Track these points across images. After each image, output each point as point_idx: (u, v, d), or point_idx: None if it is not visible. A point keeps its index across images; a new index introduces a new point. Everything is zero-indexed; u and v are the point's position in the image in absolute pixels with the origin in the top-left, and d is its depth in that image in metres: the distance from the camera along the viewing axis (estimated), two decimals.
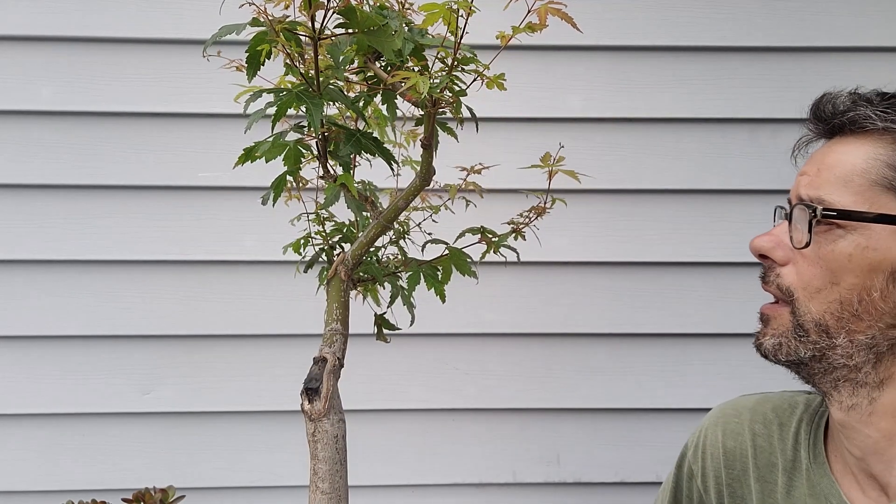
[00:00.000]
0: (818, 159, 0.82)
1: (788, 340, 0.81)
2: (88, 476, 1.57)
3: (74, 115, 1.51)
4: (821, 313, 0.78)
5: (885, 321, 0.76)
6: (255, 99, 0.75)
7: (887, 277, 0.75)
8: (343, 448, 0.77)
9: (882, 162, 0.76)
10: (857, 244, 0.76)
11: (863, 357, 0.78)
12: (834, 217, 0.77)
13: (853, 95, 0.81)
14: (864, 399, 0.79)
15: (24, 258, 1.53)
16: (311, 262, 0.97)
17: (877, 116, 0.77)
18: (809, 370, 0.81)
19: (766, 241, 0.84)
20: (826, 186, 0.78)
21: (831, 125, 0.82)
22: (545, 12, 0.65)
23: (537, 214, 0.95)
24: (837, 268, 0.77)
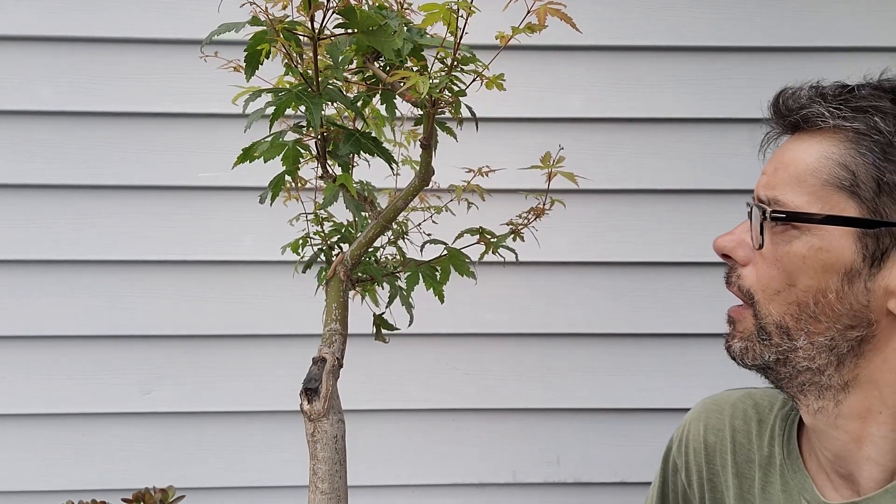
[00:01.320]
0: (777, 157, 0.81)
1: (753, 344, 0.81)
2: (88, 476, 1.57)
3: (74, 115, 1.51)
4: (780, 315, 0.78)
5: (842, 322, 0.76)
6: (254, 99, 0.75)
7: (841, 278, 0.75)
8: (342, 448, 0.77)
9: (833, 161, 0.75)
10: (811, 245, 0.76)
11: (824, 359, 0.77)
12: (783, 219, 0.76)
13: (811, 90, 0.80)
14: (831, 402, 0.79)
15: (24, 258, 1.53)
16: (310, 263, 0.97)
17: (829, 114, 0.76)
18: (776, 374, 0.81)
19: (728, 240, 0.84)
20: (781, 186, 0.78)
21: (787, 122, 0.81)
22: (544, 13, 0.65)
23: (536, 216, 0.94)
24: (793, 269, 0.77)
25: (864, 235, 0.73)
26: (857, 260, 0.74)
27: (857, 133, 0.74)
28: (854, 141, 0.75)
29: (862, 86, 0.78)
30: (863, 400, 0.78)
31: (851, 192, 0.74)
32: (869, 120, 0.74)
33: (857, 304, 0.75)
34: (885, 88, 0.77)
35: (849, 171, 0.74)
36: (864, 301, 0.75)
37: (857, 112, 0.75)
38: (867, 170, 0.73)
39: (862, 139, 0.74)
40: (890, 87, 0.77)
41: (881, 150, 0.73)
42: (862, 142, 0.74)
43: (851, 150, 0.74)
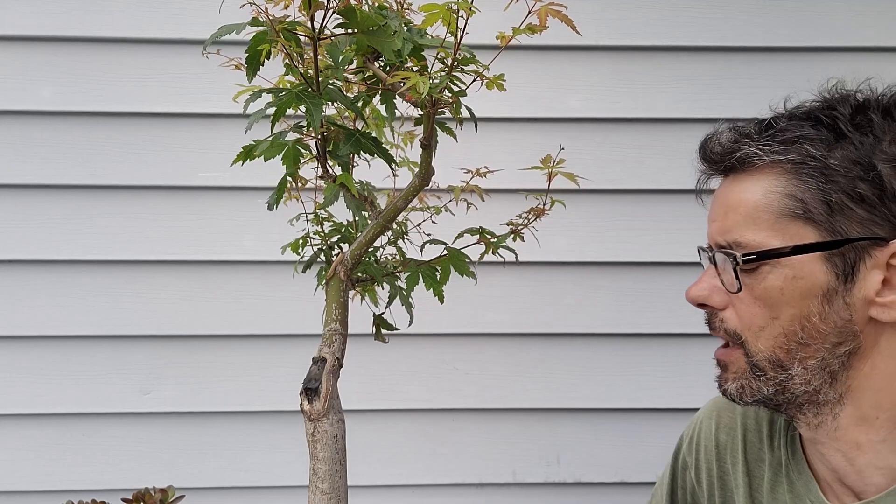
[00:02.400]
0: (722, 202, 0.84)
1: (749, 381, 0.82)
2: (88, 476, 1.57)
3: (74, 115, 1.51)
4: (770, 349, 0.80)
5: (830, 341, 0.78)
6: (254, 99, 0.75)
7: (821, 300, 0.77)
8: (342, 448, 0.77)
9: (780, 193, 0.78)
10: (785, 276, 0.78)
11: (819, 379, 0.79)
12: (754, 260, 0.78)
13: (734, 133, 0.83)
14: (828, 416, 0.81)
15: (24, 258, 1.53)
16: (310, 263, 0.97)
17: (762, 151, 0.79)
18: (775, 403, 0.82)
19: (700, 289, 0.86)
20: (737, 228, 0.80)
21: (722, 167, 0.84)
22: (545, 14, 0.65)
23: (536, 216, 0.95)
24: (773, 303, 0.79)
25: (831, 255, 0.76)
26: (830, 280, 0.77)
27: (794, 164, 0.77)
28: (793, 171, 0.77)
29: (777, 118, 0.82)
30: (858, 408, 0.80)
31: (806, 219, 0.77)
32: (800, 149, 0.77)
33: (841, 321, 0.77)
34: (799, 116, 0.80)
35: (797, 199, 0.77)
36: (847, 316, 0.77)
37: (786, 144, 0.78)
38: (814, 195, 0.76)
39: (800, 168, 0.77)
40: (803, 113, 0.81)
41: (820, 173, 0.76)
42: (801, 170, 0.77)
43: (793, 180, 0.77)
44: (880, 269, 0.76)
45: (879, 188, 0.75)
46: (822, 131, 0.78)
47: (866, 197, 0.75)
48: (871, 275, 0.76)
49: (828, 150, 0.76)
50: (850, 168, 0.75)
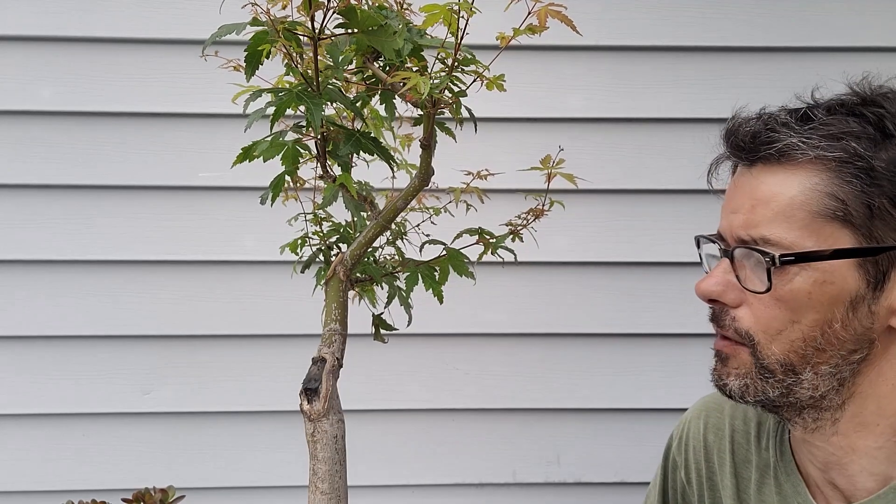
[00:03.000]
0: (748, 193, 0.78)
1: (754, 381, 0.79)
2: (88, 476, 1.57)
3: (74, 115, 1.51)
4: (784, 353, 0.76)
5: (846, 348, 0.75)
6: (254, 99, 0.75)
7: (847, 307, 0.74)
8: (342, 448, 0.77)
9: (821, 192, 0.73)
10: (815, 280, 0.74)
11: (827, 385, 0.77)
12: (792, 261, 0.74)
13: (768, 121, 0.78)
14: (828, 421, 0.79)
15: (24, 258, 1.53)
16: (309, 263, 0.97)
17: (805, 145, 0.74)
18: (775, 405, 0.80)
19: (714, 284, 0.81)
20: (766, 224, 0.75)
21: (757, 156, 0.78)
22: (545, 14, 0.65)
23: (535, 216, 0.94)
24: (797, 307, 0.75)
25: (865, 262, 0.73)
26: (861, 287, 0.74)
27: (839, 162, 0.73)
28: (836, 170, 0.73)
29: (814, 109, 0.77)
30: (858, 414, 0.78)
31: (844, 221, 0.73)
32: (847, 146, 0.73)
33: (861, 329, 0.75)
34: (843, 112, 0.76)
35: (838, 200, 0.73)
36: (868, 324, 0.75)
37: (830, 140, 0.74)
38: (856, 197, 0.72)
39: (845, 167, 0.73)
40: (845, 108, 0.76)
41: (866, 175, 0.72)
42: (845, 169, 0.73)
43: (836, 179, 0.73)
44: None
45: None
46: (868, 129, 0.74)
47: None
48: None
49: (875, 150, 0.72)
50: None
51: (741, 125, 0.80)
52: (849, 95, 0.78)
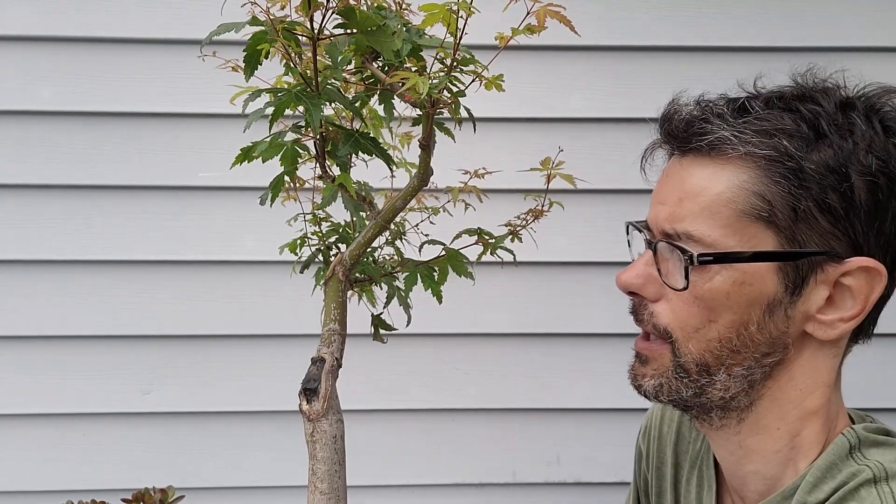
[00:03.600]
0: (676, 185, 0.76)
1: (669, 381, 0.77)
2: (88, 476, 1.57)
3: (74, 115, 1.51)
4: (700, 352, 0.75)
5: (760, 351, 0.74)
6: (253, 99, 0.74)
7: (764, 310, 0.73)
8: (342, 448, 0.77)
9: (748, 191, 0.71)
10: (735, 281, 0.72)
11: (738, 387, 0.76)
12: (710, 261, 0.72)
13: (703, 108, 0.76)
14: (734, 420, 0.78)
15: (24, 258, 1.53)
16: (308, 263, 0.97)
17: (736, 139, 0.72)
18: (686, 404, 0.79)
19: (634, 276, 0.79)
20: (691, 219, 0.73)
21: (689, 147, 0.76)
22: (544, 15, 0.65)
23: (534, 217, 0.94)
24: (715, 306, 0.73)
25: (785, 266, 0.72)
26: (779, 290, 0.72)
27: (769, 160, 0.71)
28: (766, 168, 0.71)
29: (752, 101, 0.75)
30: (763, 417, 0.77)
31: (768, 222, 0.71)
32: (778, 145, 0.71)
33: (777, 332, 0.74)
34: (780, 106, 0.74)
35: (765, 200, 0.71)
36: (784, 328, 0.74)
37: (763, 136, 0.71)
38: (783, 198, 0.70)
39: (774, 166, 0.71)
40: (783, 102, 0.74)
41: (795, 176, 0.70)
42: (774, 169, 0.71)
43: (764, 178, 0.71)
44: (828, 285, 0.72)
45: (848, 201, 0.70)
46: (802, 127, 0.71)
47: (833, 209, 0.70)
48: (818, 290, 0.72)
49: (806, 151, 0.70)
50: (825, 175, 0.70)
51: (676, 112, 0.78)
52: (790, 87, 0.77)
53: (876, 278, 0.72)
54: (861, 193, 0.70)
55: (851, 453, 0.73)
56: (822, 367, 0.76)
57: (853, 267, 0.71)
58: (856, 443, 0.73)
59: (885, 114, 0.74)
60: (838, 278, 0.72)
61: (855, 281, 0.72)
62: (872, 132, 0.72)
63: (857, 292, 0.72)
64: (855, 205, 0.70)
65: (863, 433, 0.74)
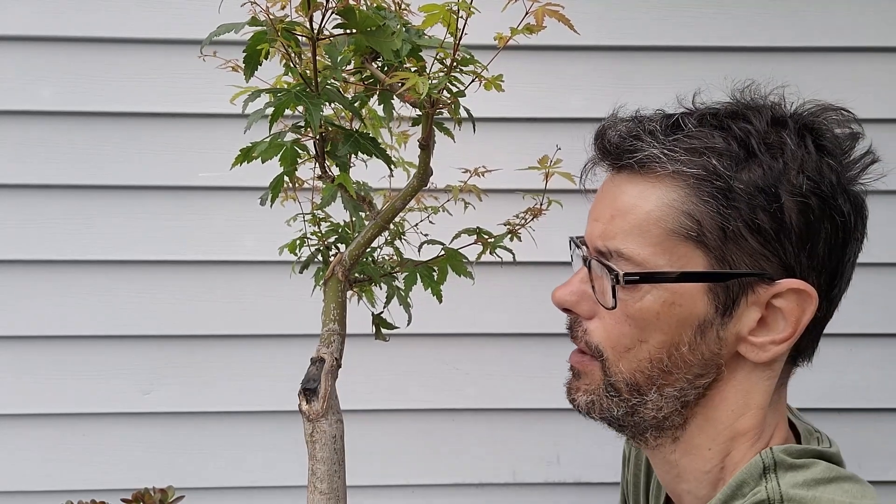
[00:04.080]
0: (609, 202, 0.76)
1: (601, 399, 0.77)
2: (88, 476, 1.57)
3: (74, 115, 1.51)
4: (631, 372, 0.75)
5: (693, 372, 0.74)
6: (253, 99, 0.75)
7: (695, 331, 0.72)
8: (341, 448, 0.77)
9: (677, 210, 0.70)
10: (664, 300, 0.72)
11: (671, 407, 0.75)
12: (636, 281, 0.71)
13: (636, 124, 0.76)
14: (668, 439, 0.78)
15: (24, 258, 1.53)
16: (307, 263, 0.97)
17: (665, 157, 0.71)
18: (620, 424, 0.78)
19: (568, 293, 0.79)
20: (621, 237, 0.73)
21: (620, 164, 0.76)
22: (542, 14, 0.65)
23: (533, 216, 0.94)
24: (646, 325, 0.73)
25: (715, 287, 0.71)
26: (709, 311, 0.71)
27: (697, 179, 0.70)
28: (695, 187, 0.70)
29: (686, 118, 0.74)
30: (696, 437, 0.77)
31: (698, 242, 0.70)
32: (707, 164, 0.70)
33: (709, 353, 0.73)
34: (712, 124, 0.73)
35: (694, 220, 0.70)
36: (716, 349, 0.73)
37: (692, 155, 0.70)
38: (712, 218, 0.69)
39: (703, 185, 0.70)
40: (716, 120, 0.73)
41: (723, 195, 0.69)
42: (703, 188, 0.70)
43: (693, 197, 0.70)
44: (759, 307, 0.71)
45: (779, 222, 0.69)
46: (732, 146, 0.70)
47: (763, 229, 0.69)
48: (750, 312, 0.71)
49: (735, 170, 0.69)
50: (755, 195, 0.69)
51: (610, 127, 0.78)
52: (725, 104, 0.76)
53: (807, 301, 0.70)
54: (792, 214, 0.69)
55: (765, 474, 0.71)
56: (754, 389, 0.75)
57: (784, 289, 0.70)
58: (770, 464, 0.71)
59: (820, 132, 0.73)
60: (770, 300, 0.71)
61: (786, 303, 0.71)
62: (804, 152, 0.71)
63: (788, 314, 0.71)
64: (785, 226, 0.69)
65: (779, 455, 0.72)
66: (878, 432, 1.61)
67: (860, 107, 1.64)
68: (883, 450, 1.61)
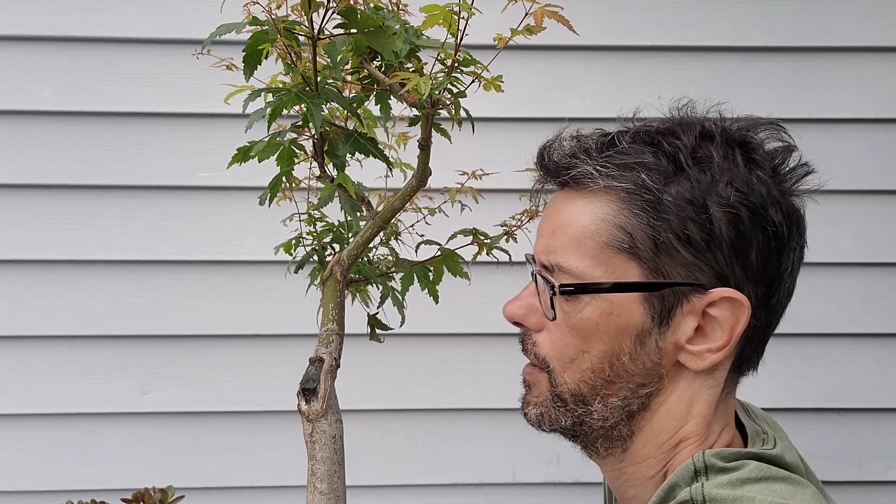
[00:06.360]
0: (552, 219, 0.79)
1: (549, 410, 0.80)
2: (88, 476, 1.57)
3: (74, 115, 1.51)
4: (575, 383, 0.77)
5: (635, 381, 0.76)
6: (253, 99, 0.75)
7: (634, 340, 0.74)
8: (341, 448, 0.77)
9: (610, 223, 0.73)
10: (602, 311, 0.74)
11: (617, 416, 0.77)
12: (571, 292, 0.74)
13: (574, 143, 0.78)
14: (618, 449, 0.80)
15: (24, 258, 1.53)
16: (302, 263, 0.97)
17: (597, 173, 0.74)
18: (572, 434, 0.81)
19: (517, 307, 0.82)
20: (561, 251, 0.76)
21: (558, 181, 0.79)
22: (542, 15, 0.65)
23: (529, 217, 0.95)
24: (586, 336, 0.75)
25: (651, 296, 0.73)
26: (646, 321, 0.74)
27: (628, 193, 0.73)
28: (626, 201, 0.73)
29: (621, 135, 0.77)
30: (642, 447, 0.78)
31: (631, 254, 0.73)
32: (636, 178, 0.72)
33: (650, 363, 0.75)
34: (644, 140, 0.75)
35: (626, 232, 0.73)
36: (657, 359, 0.75)
37: (623, 170, 0.73)
38: (643, 230, 0.72)
39: (633, 198, 0.72)
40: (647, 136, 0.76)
41: (653, 208, 0.72)
42: (633, 201, 0.72)
43: (625, 210, 0.73)
44: (696, 316, 0.73)
45: (708, 233, 0.71)
46: (661, 161, 0.73)
47: (694, 240, 0.71)
48: (686, 321, 0.73)
49: (664, 184, 0.72)
50: (684, 207, 0.71)
51: (550, 146, 0.80)
52: (660, 122, 0.79)
53: (740, 309, 0.72)
54: (721, 225, 0.71)
55: (697, 477, 0.72)
56: (697, 398, 0.77)
57: (716, 297, 0.72)
58: (701, 467, 0.72)
59: (750, 146, 0.75)
60: (704, 309, 0.73)
61: (720, 312, 0.72)
62: (732, 164, 0.73)
63: (723, 323, 0.73)
64: (716, 236, 0.71)
65: (711, 459, 0.73)
66: (878, 432, 1.60)
67: (860, 107, 1.65)
68: (883, 450, 1.61)
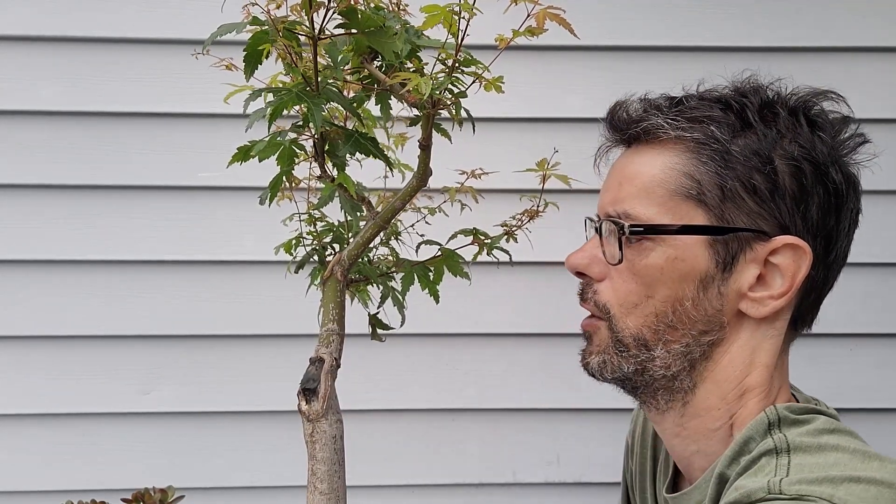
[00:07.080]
0: (618, 172, 0.83)
1: (611, 357, 0.82)
2: (88, 476, 1.57)
3: (74, 115, 1.51)
4: (638, 327, 0.80)
5: (697, 328, 0.78)
6: (254, 98, 0.75)
7: (697, 286, 0.77)
8: (341, 448, 0.77)
9: (678, 171, 0.77)
10: (668, 256, 0.77)
11: (679, 365, 0.79)
12: (641, 233, 0.78)
13: (644, 103, 0.83)
14: (679, 402, 0.81)
15: (24, 258, 1.53)
16: (302, 263, 0.97)
17: (668, 125, 0.78)
18: (633, 384, 0.83)
19: (581, 257, 0.85)
20: (629, 200, 0.79)
21: (627, 135, 0.83)
22: (543, 17, 0.65)
23: (530, 217, 0.95)
24: (651, 281, 0.78)
25: (715, 242, 0.76)
26: (710, 266, 0.76)
27: (697, 143, 0.77)
28: (695, 151, 0.77)
29: (689, 97, 0.81)
30: (705, 399, 0.80)
31: (698, 201, 0.76)
32: (706, 129, 0.77)
33: (712, 310, 0.77)
34: (711, 99, 0.80)
35: (694, 180, 0.76)
36: (718, 306, 0.77)
37: (693, 122, 0.78)
38: (710, 178, 0.76)
39: (702, 148, 0.77)
40: (714, 97, 0.80)
41: (721, 157, 0.75)
42: (702, 151, 0.76)
43: (693, 159, 0.77)
44: (758, 264, 0.76)
45: (773, 183, 0.75)
46: (729, 116, 0.77)
47: (759, 190, 0.75)
48: (749, 268, 0.76)
49: (732, 136, 0.76)
50: (750, 158, 0.75)
51: (619, 108, 0.84)
52: (726, 88, 0.83)
53: (802, 257, 0.75)
54: (785, 177, 0.75)
55: (770, 430, 0.75)
56: (760, 347, 0.79)
57: (779, 245, 0.75)
58: (775, 420, 0.75)
59: (813, 112, 0.80)
60: (767, 257, 0.76)
61: (783, 259, 0.75)
62: (797, 124, 0.77)
63: (785, 270, 0.76)
64: (779, 187, 0.75)
65: (783, 412, 0.76)
66: (878, 432, 1.60)
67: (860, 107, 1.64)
68: (882, 450, 1.60)
